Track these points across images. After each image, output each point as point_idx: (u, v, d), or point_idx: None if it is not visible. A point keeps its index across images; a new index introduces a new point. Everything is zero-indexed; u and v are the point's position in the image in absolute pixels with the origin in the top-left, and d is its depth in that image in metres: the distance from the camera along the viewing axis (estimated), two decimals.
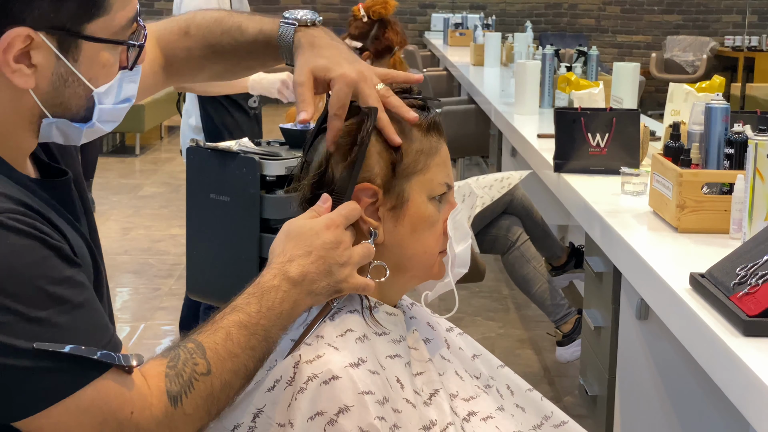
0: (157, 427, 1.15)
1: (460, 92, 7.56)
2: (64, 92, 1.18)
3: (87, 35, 1.16)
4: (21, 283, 1.07)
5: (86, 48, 1.17)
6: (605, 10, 12.16)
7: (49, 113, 1.19)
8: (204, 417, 1.19)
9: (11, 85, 1.15)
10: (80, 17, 1.15)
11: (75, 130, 1.22)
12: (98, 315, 1.14)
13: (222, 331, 1.21)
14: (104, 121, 1.24)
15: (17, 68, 1.14)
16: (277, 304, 1.24)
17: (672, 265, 2.01)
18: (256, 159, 2.77)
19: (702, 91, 3.06)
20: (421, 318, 1.47)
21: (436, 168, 1.38)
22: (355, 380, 1.22)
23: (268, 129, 3.85)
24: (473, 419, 1.38)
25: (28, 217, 1.10)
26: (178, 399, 1.16)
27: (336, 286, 1.27)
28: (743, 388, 1.51)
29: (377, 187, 1.34)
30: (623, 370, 2.42)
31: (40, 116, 1.19)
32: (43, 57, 1.15)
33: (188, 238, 2.98)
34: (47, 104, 1.18)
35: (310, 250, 1.26)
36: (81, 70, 1.18)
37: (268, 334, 1.23)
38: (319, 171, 1.36)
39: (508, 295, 4.88)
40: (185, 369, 1.17)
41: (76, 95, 1.19)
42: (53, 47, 1.15)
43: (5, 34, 1.12)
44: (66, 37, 1.15)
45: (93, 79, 1.19)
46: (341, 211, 1.29)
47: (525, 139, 3.70)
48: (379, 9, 3.67)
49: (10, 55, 1.13)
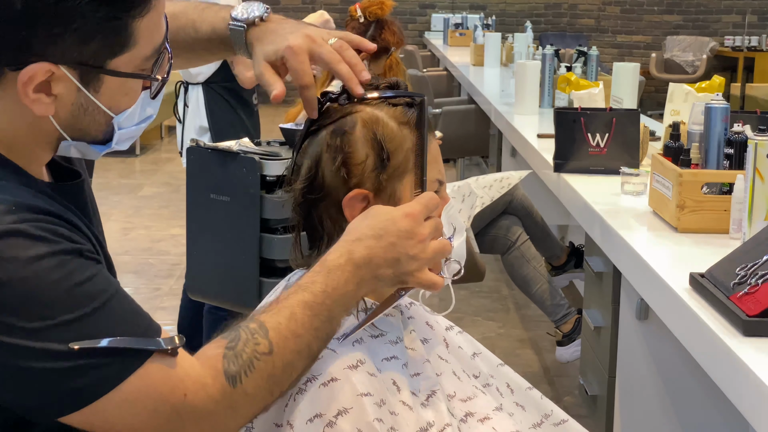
0: (215, 406, 1.13)
1: (460, 92, 7.56)
2: (83, 120, 1.18)
3: (110, 70, 1.16)
4: (48, 289, 1.07)
5: (108, 80, 1.17)
6: (605, 10, 12.16)
7: (68, 136, 1.19)
8: (267, 397, 1.18)
9: (29, 112, 1.15)
10: (104, 54, 1.14)
11: (93, 151, 1.23)
12: (129, 304, 1.14)
13: (286, 310, 1.19)
14: (123, 141, 1.24)
15: (36, 98, 1.13)
16: (342, 284, 1.22)
17: (672, 265, 2.01)
18: (256, 159, 2.77)
19: (702, 91, 3.06)
20: (419, 318, 1.46)
21: (427, 165, 1.37)
22: (354, 382, 1.22)
23: (268, 129, 3.85)
24: (470, 420, 1.38)
25: (48, 222, 1.11)
26: (237, 378, 1.14)
27: (401, 277, 1.25)
28: (743, 388, 1.51)
29: (367, 190, 1.34)
30: (623, 370, 2.42)
31: (59, 138, 1.20)
32: (64, 88, 1.14)
33: (188, 238, 2.98)
34: (66, 129, 1.18)
35: (382, 234, 1.23)
36: (102, 100, 1.17)
37: (331, 314, 1.21)
38: (309, 175, 1.35)
39: (508, 295, 4.88)
40: (246, 349, 1.15)
41: (96, 122, 1.19)
42: (75, 80, 1.14)
43: (27, 68, 1.11)
44: (88, 71, 1.15)
45: (114, 107, 1.19)
46: (420, 200, 1.27)
47: (525, 139, 3.70)
48: (375, 9, 3.66)
49: (30, 87, 1.13)
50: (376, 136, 1.33)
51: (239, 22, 1.40)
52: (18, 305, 1.06)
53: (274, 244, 2.76)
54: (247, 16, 1.39)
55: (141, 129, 1.26)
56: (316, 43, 1.32)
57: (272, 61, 1.35)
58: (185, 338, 1.17)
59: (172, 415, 1.11)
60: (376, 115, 1.35)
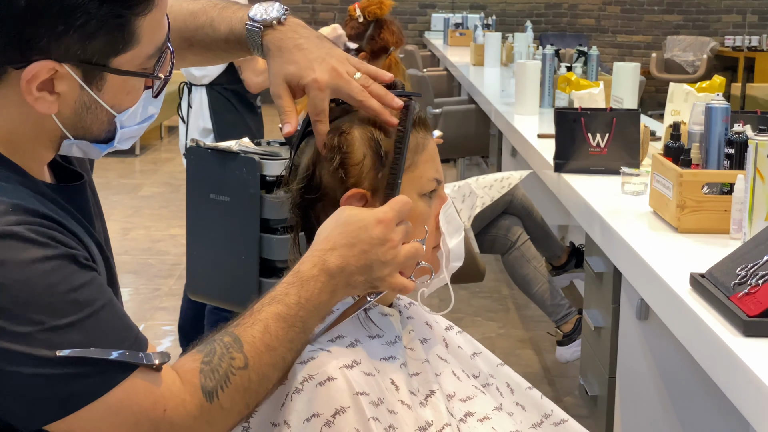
0: (193, 422, 1.14)
1: (460, 92, 7.56)
2: (86, 118, 1.18)
3: (113, 68, 1.16)
4: (40, 293, 1.07)
5: (111, 79, 1.17)
6: (605, 10, 12.16)
7: (71, 135, 1.19)
8: (243, 410, 1.19)
9: (31, 111, 1.15)
10: (107, 52, 1.15)
11: (95, 150, 1.23)
12: (119, 316, 1.14)
13: (260, 323, 1.20)
14: (125, 140, 1.24)
15: (39, 96, 1.14)
16: (315, 294, 1.22)
17: (672, 265, 2.01)
18: (256, 159, 2.76)
19: (702, 91, 3.06)
20: (418, 317, 1.46)
21: (424, 164, 1.36)
22: (351, 381, 1.22)
23: (268, 129, 3.85)
24: (470, 420, 1.38)
25: (44, 226, 1.10)
26: (214, 394, 1.15)
27: (374, 282, 1.26)
28: (743, 388, 1.51)
29: (364, 190, 1.33)
30: (623, 370, 2.42)
31: (62, 137, 1.20)
32: (66, 86, 1.15)
33: (188, 238, 2.98)
34: (69, 128, 1.19)
35: (354, 243, 1.24)
36: (105, 98, 1.18)
37: (305, 325, 1.22)
38: (306, 175, 1.35)
39: (508, 295, 4.88)
40: (221, 364, 1.16)
41: (98, 121, 1.19)
42: (78, 78, 1.15)
43: (30, 66, 1.12)
44: (91, 69, 1.15)
45: (116, 106, 1.19)
46: (393, 206, 1.27)
47: (525, 139, 3.70)
48: (374, 9, 3.66)
49: (33, 85, 1.13)
50: (373, 136, 1.33)
51: (256, 23, 1.39)
52: (8, 308, 1.06)
53: (274, 244, 2.76)
54: (264, 18, 1.38)
55: (143, 128, 1.26)
56: (343, 79, 1.32)
57: (293, 85, 1.34)
58: (186, 338, 1.17)
59: (151, 430, 1.12)
60: None
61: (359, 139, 1.33)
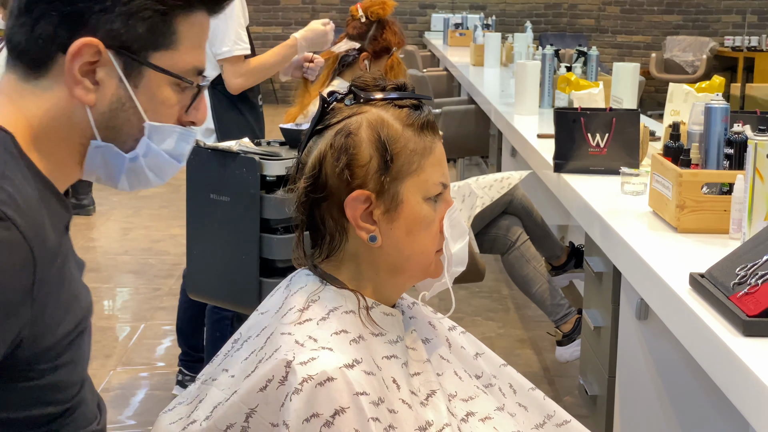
0: None
1: (460, 92, 7.56)
2: (118, 116, 1.20)
3: (151, 63, 1.19)
4: None
5: (149, 77, 1.20)
6: (605, 11, 12.16)
7: (100, 136, 1.21)
8: None
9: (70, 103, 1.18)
10: (147, 43, 1.18)
11: (119, 159, 1.23)
12: None
13: None
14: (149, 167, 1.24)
15: (81, 80, 1.17)
16: None
17: (672, 265, 2.01)
18: (256, 159, 2.77)
19: (702, 91, 3.06)
20: (421, 318, 1.46)
21: (431, 168, 1.37)
22: (351, 381, 1.22)
23: (268, 129, 3.84)
24: (471, 420, 1.38)
25: None
26: None
27: None
28: (743, 388, 1.51)
29: (369, 191, 1.34)
30: (623, 370, 2.42)
31: (90, 138, 1.21)
32: (106, 75, 1.18)
33: (188, 238, 2.98)
34: (100, 126, 1.20)
35: None
36: (140, 98, 1.20)
37: None
38: (313, 174, 1.36)
39: (508, 295, 4.88)
40: None
41: (129, 122, 1.21)
42: (118, 68, 1.18)
43: (77, 42, 1.15)
44: (131, 60, 1.18)
45: (149, 112, 1.21)
46: None
47: (525, 139, 3.70)
48: (377, 9, 3.66)
49: (77, 64, 1.16)
50: (380, 138, 1.34)
51: None
52: None
53: (274, 244, 2.77)
54: None
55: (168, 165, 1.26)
56: None
57: None
58: (184, 338, 1.17)
59: None
60: (381, 116, 1.35)
61: (366, 141, 1.34)
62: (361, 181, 1.34)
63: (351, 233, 1.35)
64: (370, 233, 1.35)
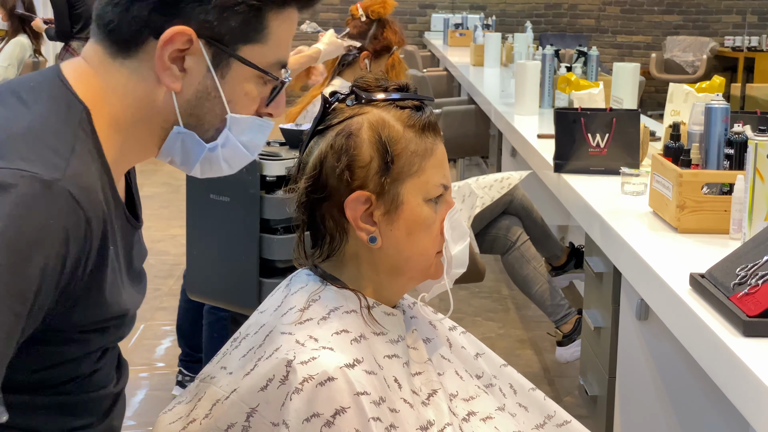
0: None
1: (460, 92, 7.56)
2: (203, 105, 1.21)
3: (240, 56, 1.20)
4: None
5: (235, 69, 1.20)
6: (605, 11, 12.16)
7: (183, 123, 1.21)
8: None
9: (156, 86, 1.19)
10: (238, 36, 1.19)
11: (198, 147, 1.24)
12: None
13: None
14: (224, 158, 1.26)
15: (169, 66, 1.18)
16: None
17: (672, 265, 2.01)
18: (256, 159, 2.77)
19: (702, 92, 3.06)
20: (422, 318, 1.46)
21: (432, 170, 1.37)
22: (351, 381, 1.22)
23: None
24: (473, 419, 1.38)
25: None
26: None
27: None
28: (743, 388, 1.51)
29: (369, 192, 1.34)
30: (623, 370, 2.42)
31: (173, 123, 1.22)
32: (195, 64, 1.19)
33: (188, 238, 2.98)
34: (184, 113, 1.21)
35: None
36: (225, 89, 1.21)
37: None
38: (314, 174, 1.36)
39: (508, 295, 4.88)
40: None
41: (212, 112, 1.22)
42: (207, 58, 1.19)
43: (169, 29, 1.16)
44: (221, 51, 1.19)
45: (232, 103, 1.22)
46: None
47: (525, 140, 3.70)
48: (377, 8, 3.66)
49: (168, 51, 1.17)
50: (381, 139, 1.34)
51: None
52: None
53: (274, 244, 2.77)
54: None
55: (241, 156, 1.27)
56: None
57: None
58: (184, 338, 1.18)
59: None
60: (382, 117, 1.35)
61: (367, 142, 1.34)
62: (361, 182, 1.34)
63: (351, 234, 1.35)
64: (370, 234, 1.35)
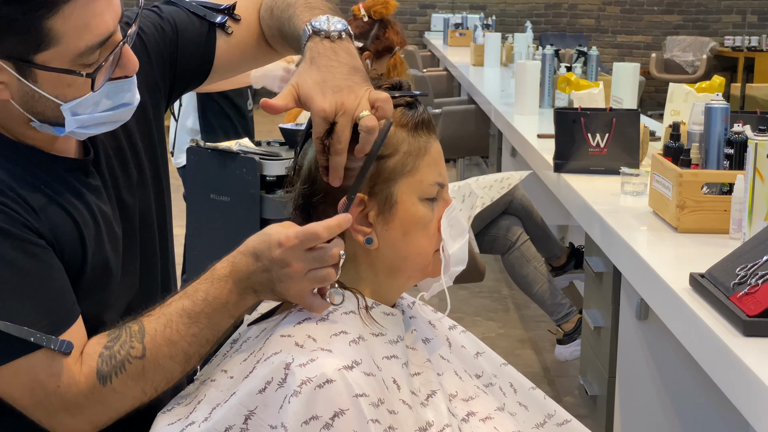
0: (84, 400, 1.27)
1: (460, 92, 7.56)
2: (36, 105, 1.27)
3: (38, 64, 1.23)
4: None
5: (42, 72, 1.24)
6: (605, 11, 12.16)
7: (35, 119, 1.29)
8: (139, 395, 1.30)
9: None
10: (26, 49, 1.23)
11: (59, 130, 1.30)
12: (42, 297, 1.25)
13: (164, 317, 1.30)
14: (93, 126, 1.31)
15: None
16: (224, 294, 1.30)
17: (672, 265, 2.01)
18: (256, 159, 2.77)
19: (702, 91, 3.06)
20: (421, 317, 1.46)
21: (426, 168, 1.35)
22: (350, 383, 1.21)
23: (267, 129, 3.85)
24: (472, 420, 1.38)
25: None
26: (108, 378, 1.27)
27: (281, 296, 1.30)
28: (743, 388, 1.51)
29: (363, 194, 1.33)
30: (623, 370, 2.42)
31: (29, 120, 1.29)
32: (7, 77, 1.25)
33: (188, 238, 2.99)
34: (29, 112, 1.28)
35: (259, 255, 1.29)
36: (45, 89, 1.26)
37: (211, 321, 1.30)
38: (308, 176, 1.35)
39: (508, 295, 4.88)
40: (120, 351, 1.28)
41: (48, 107, 1.28)
42: (12, 71, 1.24)
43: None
44: (20, 64, 1.23)
45: (61, 95, 1.27)
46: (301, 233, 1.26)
47: (525, 140, 3.70)
48: (380, 9, 3.67)
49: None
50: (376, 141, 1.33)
51: (310, 28, 1.39)
52: None
53: None
54: (320, 27, 1.38)
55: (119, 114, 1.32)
56: (344, 117, 1.28)
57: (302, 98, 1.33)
58: None
59: (45, 398, 1.26)
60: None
61: None
62: None
63: (348, 235, 1.35)
64: (366, 236, 1.33)
